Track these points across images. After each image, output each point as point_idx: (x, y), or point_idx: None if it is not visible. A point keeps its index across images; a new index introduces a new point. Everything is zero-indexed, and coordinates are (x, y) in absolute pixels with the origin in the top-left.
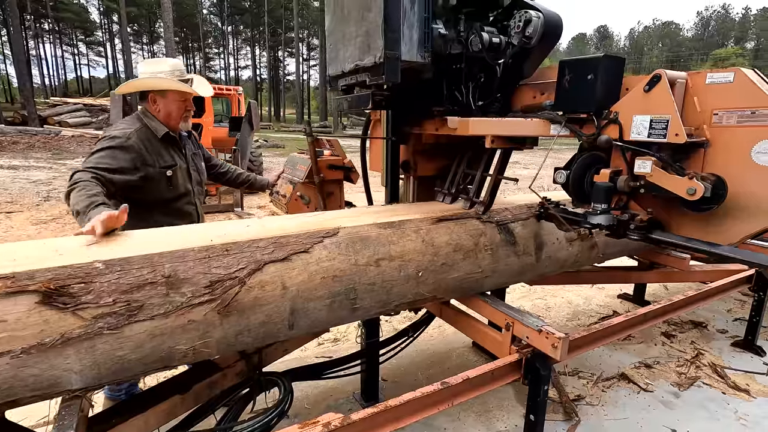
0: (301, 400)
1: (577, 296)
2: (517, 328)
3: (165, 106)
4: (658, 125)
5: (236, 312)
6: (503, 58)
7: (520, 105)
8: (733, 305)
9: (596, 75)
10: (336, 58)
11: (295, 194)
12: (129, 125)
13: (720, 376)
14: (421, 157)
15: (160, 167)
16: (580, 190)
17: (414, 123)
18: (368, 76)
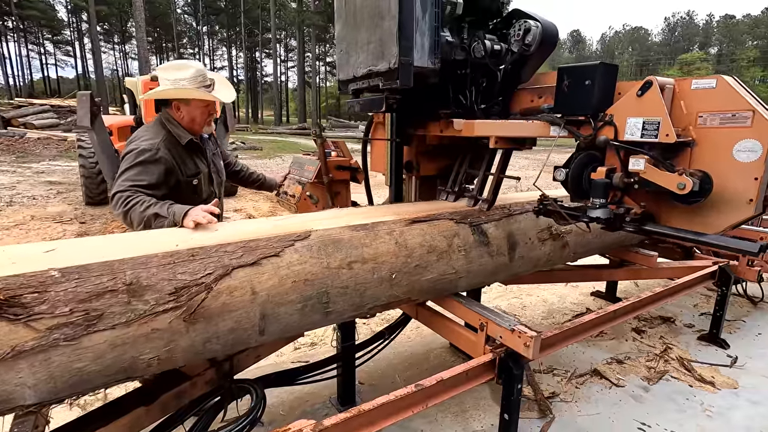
0: (276, 406)
1: (552, 294)
2: (490, 328)
3: (189, 113)
4: (650, 126)
5: (203, 319)
6: (503, 64)
7: (518, 108)
8: (699, 300)
9: (593, 81)
10: (347, 63)
11: (304, 194)
12: (154, 135)
13: (687, 369)
14: (424, 157)
15: (186, 176)
16: (578, 187)
17: (418, 125)
18: (381, 80)
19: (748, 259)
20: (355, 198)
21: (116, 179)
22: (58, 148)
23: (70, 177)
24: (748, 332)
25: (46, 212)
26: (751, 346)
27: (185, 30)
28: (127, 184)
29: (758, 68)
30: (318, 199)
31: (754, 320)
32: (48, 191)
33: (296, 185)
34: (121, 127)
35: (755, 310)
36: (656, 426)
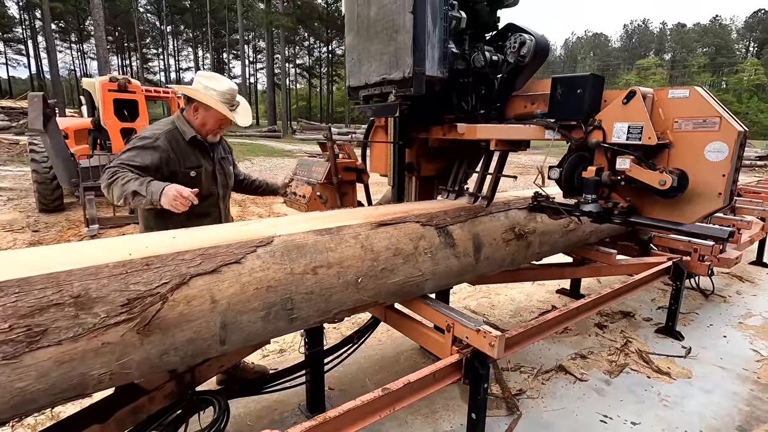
0: (243, 416)
1: (519, 293)
2: (457, 329)
3: (203, 118)
4: (635, 130)
5: (159, 330)
6: (500, 73)
7: (513, 113)
8: (656, 295)
9: (584, 89)
10: (359, 71)
11: (314, 194)
12: (160, 127)
13: (645, 361)
14: (424, 159)
15: (184, 168)
16: (570, 184)
17: (421, 129)
18: (395, 88)
19: (699, 255)
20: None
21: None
22: (9, 153)
23: (22, 183)
24: (701, 323)
25: None
26: (703, 337)
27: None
28: (118, 162)
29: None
30: (327, 199)
31: (706, 312)
32: None
33: (305, 186)
34: (78, 129)
35: (707, 302)
36: (617, 418)
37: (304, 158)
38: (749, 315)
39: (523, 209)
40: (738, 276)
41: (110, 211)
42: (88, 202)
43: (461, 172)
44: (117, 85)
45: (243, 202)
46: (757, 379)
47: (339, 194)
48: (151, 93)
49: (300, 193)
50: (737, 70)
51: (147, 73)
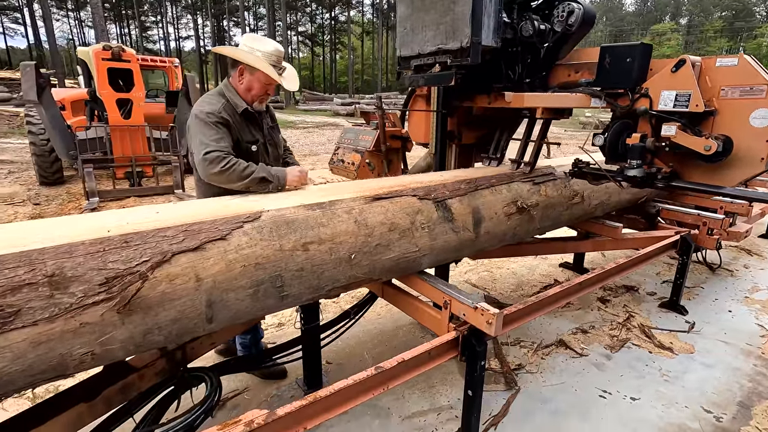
0: (241, 390)
1: (522, 267)
2: (454, 305)
3: (249, 82)
4: (682, 98)
5: (140, 310)
6: (547, 42)
7: (556, 82)
8: (661, 269)
9: (634, 58)
10: (411, 41)
11: (363, 161)
12: (214, 102)
13: (647, 336)
14: (465, 127)
15: (245, 142)
16: (614, 151)
17: (465, 97)
18: (450, 57)
19: (708, 228)
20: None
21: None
22: (9, 125)
23: (23, 155)
24: (706, 298)
25: None
26: (707, 312)
27: None
28: (221, 145)
29: (724, 39)
30: (375, 167)
31: (711, 286)
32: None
33: (353, 153)
34: (75, 100)
35: (713, 276)
36: (617, 393)
37: (349, 127)
38: (756, 289)
39: (527, 182)
40: (746, 249)
41: (110, 184)
42: (87, 175)
43: (503, 140)
44: (111, 54)
45: None
46: (762, 355)
47: (386, 161)
48: (147, 62)
49: (348, 160)
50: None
51: (146, 41)
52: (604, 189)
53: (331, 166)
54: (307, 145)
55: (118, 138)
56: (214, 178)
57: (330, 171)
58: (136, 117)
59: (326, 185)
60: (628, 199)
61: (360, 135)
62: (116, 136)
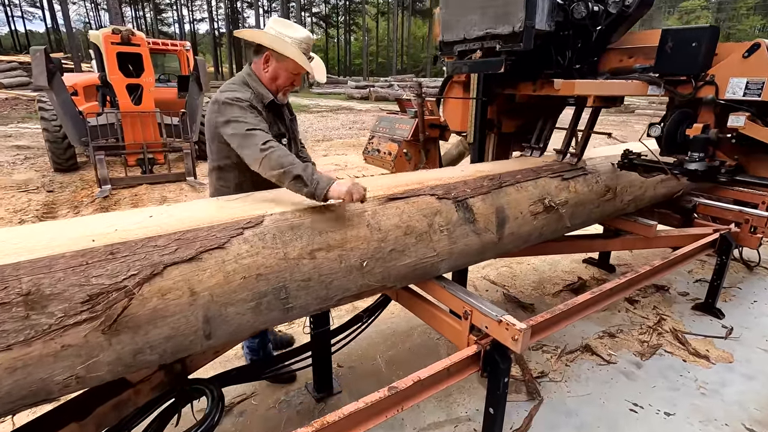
0: (248, 395)
1: (543, 262)
2: (475, 316)
3: (275, 70)
4: (754, 86)
5: (129, 329)
6: (600, 25)
7: (607, 67)
8: (694, 266)
9: (701, 43)
10: (456, 25)
11: (401, 151)
12: (244, 90)
13: (681, 342)
14: (505, 115)
15: (274, 136)
16: (672, 142)
17: (507, 84)
18: (499, 43)
19: (750, 226)
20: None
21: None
22: (27, 109)
23: (40, 141)
24: (744, 300)
25: (11, 180)
26: (746, 315)
27: None
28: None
29: (757, 16)
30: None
31: (749, 287)
32: (15, 157)
33: (390, 143)
34: (87, 85)
35: (751, 275)
36: (648, 407)
37: (384, 115)
38: None
39: (555, 177)
40: None
41: (122, 171)
42: (98, 162)
43: (546, 129)
44: (120, 38)
45: None
46: None
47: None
48: (158, 46)
49: (384, 150)
50: None
51: (161, 24)
52: (639, 184)
53: (365, 156)
54: (321, 130)
55: (129, 124)
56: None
57: (364, 161)
58: (146, 103)
59: None
60: (663, 194)
61: (396, 124)
62: (127, 122)
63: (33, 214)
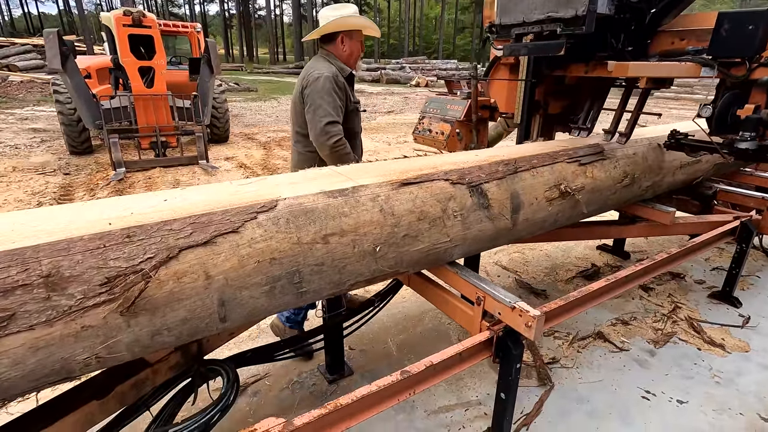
0: (262, 375)
1: (556, 248)
2: (488, 302)
3: (350, 46)
4: None
5: (146, 311)
6: (654, 8)
7: (657, 50)
8: (711, 254)
9: (757, 26)
10: (515, 8)
11: (453, 131)
12: (328, 67)
13: (696, 331)
14: (552, 97)
15: (352, 103)
16: (722, 122)
17: (557, 66)
18: (560, 26)
19: None
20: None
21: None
22: (42, 92)
23: (56, 124)
24: (762, 289)
25: (28, 162)
26: (764, 304)
27: None
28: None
29: None
30: (463, 136)
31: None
32: (31, 140)
33: (442, 123)
34: (100, 68)
35: None
36: (661, 394)
37: (434, 96)
38: None
39: (572, 162)
40: None
41: (136, 154)
42: (112, 145)
43: (594, 110)
44: (131, 20)
45: (268, 144)
46: None
47: (475, 131)
48: (169, 27)
49: (436, 129)
50: None
51: (171, 6)
52: (657, 169)
53: (415, 136)
54: None
55: (142, 107)
56: (322, 146)
57: (414, 140)
58: (158, 85)
59: (348, 167)
60: (682, 180)
61: (447, 105)
62: (140, 105)
63: (50, 196)
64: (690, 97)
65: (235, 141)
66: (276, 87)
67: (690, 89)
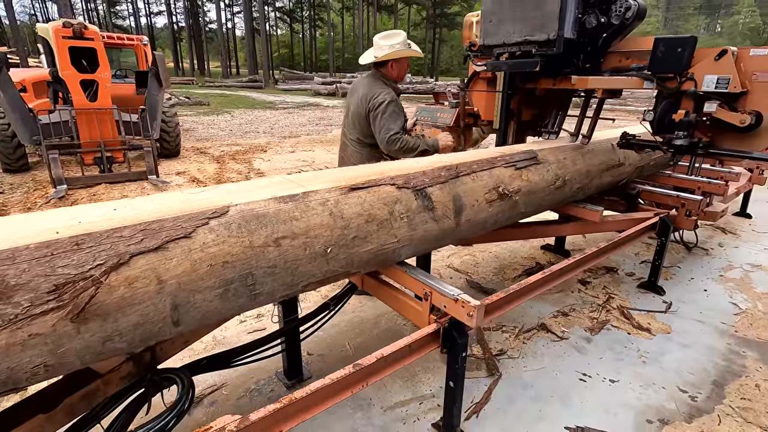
0: (218, 385)
1: (504, 250)
2: (435, 297)
3: (398, 69)
4: (723, 81)
5: (97, 317)
6: (605, 33)
7: (608, 67)
8: (640, 249)
9: (685, 49)
10: (496, 32)
11: None
12: (388, 90)
13: (626, 317)
14: (525, 106)
15: (404, 116)
16: (661, 125)
17: (528, 80)
18: (534, 47)
19: (686, 209)
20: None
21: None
22: None
23: None
24: (683, 277)
25: None
26: (684, 291)
27: None
28: (398, 127)
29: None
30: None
31: (688, 265)
32: None
33: (433, 129)
34: (37, 82)
35: (690, 255)
36: (596, 375)
37: (424, 106)
38: (730, 267)
39: (509, 167)
40: (721, 228)
41: (78, 170)
42: (52, 161)
43: (560, 116)
44: (72, 31)
45: (222, 158)
46: (735, 333)
47: (462, 136)
48: (113, 40)
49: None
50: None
51: (115, 17)
52: (586, 172)
53: None
54: (287, 127)
55: (85, 122)
56: (393, 153)
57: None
58: (102, 99)
59: (300, 175)
60: (609, 182)
61: (437, 113)
62: (82, 119)
63: None
64: (624, 108)
65: (187, 155)
66: (229, 101)
67: (623, 101)
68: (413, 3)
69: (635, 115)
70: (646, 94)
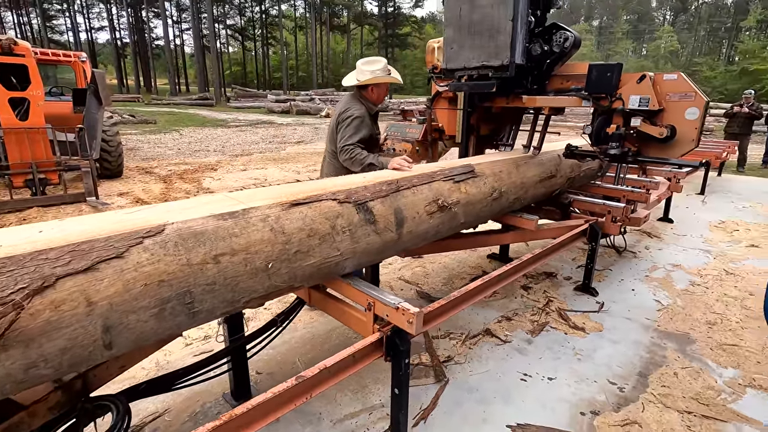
0: (161, 412)
1: (453, 260)
2: (378, 307)
3: (378, 93)
4: (644, 100)
5: (19, 343)
6: (548, 59)
7: (552, 88)
8: (577, 254)
9: (613, 73)
10: (457, 57)
11: (414, 149)
12: (359, 106)
13: (564, 318)
14: (483, 122)
15: (375, 134)
16: (598, 137)
17: (485, 99)
18: (491, 71)
19: (612, 216)
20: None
21: (343, 137)
22: None
23: None
24: (614, 279)
25: None
26: (615, 292)
27: None
28: (354, 140)
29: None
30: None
31: (618, 268)
32: None
33: (403, 143)
34: None
35: (620, 258)
36: (536, 375)
37: (394, 123)
38: (654, 268)
39: (447, 181)
40: (648, 232)
41: (7, 194)
42: None
43: (513, 131)
44: (0, 47)
45: (169, 177)
46: (657, 327)
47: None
48: (47, 56)
49: (399, 148)
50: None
51: (51, 32)
52: (520, 184)
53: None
54: (239, 144)
55: (14, 142)
56: (344, 163)
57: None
58: (34, 118)
59: (241, 192)
60: (543, 193)
61: (407, 128)
62: (11, 139)
63: None
64: (563, 125)
65: (131, 175)
66: (177, 119)
67: (565, 118)
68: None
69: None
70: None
